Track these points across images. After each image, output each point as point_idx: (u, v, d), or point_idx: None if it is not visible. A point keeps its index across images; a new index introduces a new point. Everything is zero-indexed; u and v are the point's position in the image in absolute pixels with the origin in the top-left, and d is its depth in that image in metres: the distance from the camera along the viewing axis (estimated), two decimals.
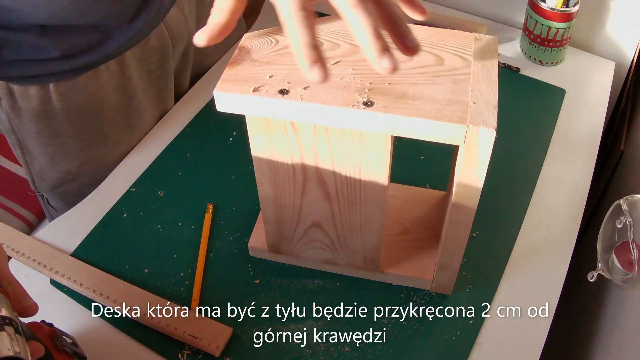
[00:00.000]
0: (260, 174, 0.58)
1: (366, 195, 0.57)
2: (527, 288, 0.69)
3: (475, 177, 0.51)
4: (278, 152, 0.55)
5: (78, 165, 0.81)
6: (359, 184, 0.56)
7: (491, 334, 0.65)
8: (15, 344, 0.42)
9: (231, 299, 0.67)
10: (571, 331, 0.91)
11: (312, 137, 0.52)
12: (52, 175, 0.81)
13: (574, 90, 0.92)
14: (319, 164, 0.55)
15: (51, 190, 0.84)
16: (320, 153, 0.54)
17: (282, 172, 0.57)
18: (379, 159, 0.53)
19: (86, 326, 0.65)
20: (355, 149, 0.52)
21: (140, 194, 0.78)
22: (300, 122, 0.51)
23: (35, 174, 0.81)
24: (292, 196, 0.59)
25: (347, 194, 0.57)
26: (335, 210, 0.60)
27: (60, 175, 0.81)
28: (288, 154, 0.55)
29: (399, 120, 0.46)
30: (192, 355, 0.62)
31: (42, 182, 0.82)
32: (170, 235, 0.73)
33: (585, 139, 0.85)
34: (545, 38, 0.93)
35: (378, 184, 0.55)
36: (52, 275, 0.68)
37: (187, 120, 0.86)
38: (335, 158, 0.54)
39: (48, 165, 0.80)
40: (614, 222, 0.66)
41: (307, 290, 0.68)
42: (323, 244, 0.65)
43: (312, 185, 0.57)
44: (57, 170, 0.81)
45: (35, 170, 0.81)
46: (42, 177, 0.81)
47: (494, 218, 0.75)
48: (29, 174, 0.82)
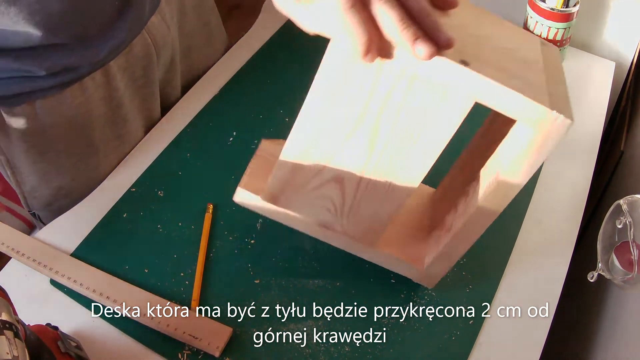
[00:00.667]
0: (313, 105, 0.54)
1: (411, 159, 0.55)
2: (527, 288, 0.69)
3: (529, 167, 0.51)
4: (348, 85, 0.51)
5: (70, 179, 0.79)
6: (412, 145, 0.53)
7: (491, 334, 0.65)
8: (14, 349, 0.42)
9: (231, 299, 0.67)
10: (571, 331, 0.91)
11: (394, 81, 0.50)
12: (44, 192, 0.79)
13: (574, 90, 0.92)
14: (383, 112, 0.52)
15: (44, 207, 0.82)
16: (391, 102, 0.51)
17: (340, 107, 0.53)
18: (445, 128, 0.51)
19: (86, 326, 0.65)
20: (428, 107, 0.51)
21: (140, 194, 0.78)
22: (392, 62, 0.48)
23: (27, 192, 0.79)
24: (332, 139, 0.56)
25: (394, 152, 0.55)
26: (369, 167, 0.57)
27: (53, 192, 0.80)
28: (358, 89, 0.51)
29: (488, 86, 0.46)
30: (192, 355, 0.62)
31: (34, 201, 0.81)
32: (170, 235, 0.73)
33: (585, 139, 0.85)
34: (545, 38, 0.93)
35: (430, 152, 0.53)
36: (52, 275, 0.68)
37: (187, 121, 0.87)
38: (402, 111, 0.52)
39: (39, 182, 0.78)
40: (614, 222, 0.67)
41: (307, 290, 0.68)
42: (331, 204, 0.62)
43: (363, 133, 0.54)
44: (49, 187, 0.79)
45: (27, 189, 0.79)
46: (34, 195, 0.80)
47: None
48: (21, 193, 0.80)
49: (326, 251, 0.71)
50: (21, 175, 0.77)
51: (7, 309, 0.45)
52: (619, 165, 0.96)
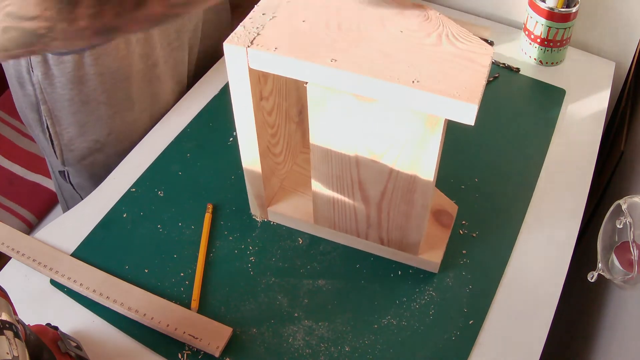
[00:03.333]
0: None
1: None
2: (527, 288, 0.69)
3: None
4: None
5: (107, 133, 0.83)
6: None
7: (491, 334, 0.65)
8: (14, 349, 0.42)
9: (231, 299, 0.67)
10: (571, 331, 0.91)
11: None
12: (80, 145, 0.83)
13: (574, 90, 0.92)
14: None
15: (78, 162, 0.85)
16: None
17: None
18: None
19: (86, 326, 0.65)
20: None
21: (140, 194, 0.78)
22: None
23: (64, 145, 0.83)
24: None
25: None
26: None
27: (89, 145, 0.83)
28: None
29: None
30: (192, 355, 0.62)
31: (70, 154, 0.84)
32: (170, 235, 0.73)
33: (585, 139, 0.86)
34: (545, 38, 0.93)
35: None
36: (52, 275, 0.68)
37: (187, 120, 0.87)
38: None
39: (77, 134, 0.82)
40: (614, 222, 0.66)
41: (307, 290, 0.68)
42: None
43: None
44: (86, 140, 0.83)
45: (65, 141, 0.82)
46: (70, 147, 0.83)
47: (494, 218, 0.75)
48: (58, 145, 0.83)
49: (326, 251, 0.71)
50: (61, 126, 0.81)
51: (7, 309, 0.45)
52: (619, 165, 0.96)
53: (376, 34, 0.53)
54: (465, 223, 0.74)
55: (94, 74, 0.76)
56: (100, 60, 0.75)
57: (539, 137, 0.85)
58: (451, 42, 0.52)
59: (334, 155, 0.60)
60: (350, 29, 0.53)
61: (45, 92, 0.76)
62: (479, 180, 0.79)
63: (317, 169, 0.63)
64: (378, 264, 0.70)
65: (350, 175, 0.62)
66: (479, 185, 0.78)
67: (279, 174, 0.73)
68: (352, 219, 0.67)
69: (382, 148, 0.57)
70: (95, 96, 0.79)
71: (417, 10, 0.56)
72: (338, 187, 0.64)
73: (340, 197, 0.65)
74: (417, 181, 0.59)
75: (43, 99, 0.77)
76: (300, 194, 0.74)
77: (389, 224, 0.66)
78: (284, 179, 0.75)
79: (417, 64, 0.50)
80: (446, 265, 0.70)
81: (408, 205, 0.62)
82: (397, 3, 0.56)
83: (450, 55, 0.51)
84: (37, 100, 0.77)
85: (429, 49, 0.52)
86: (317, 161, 0.62)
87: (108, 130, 0.83)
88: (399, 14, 0.55)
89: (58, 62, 0.73)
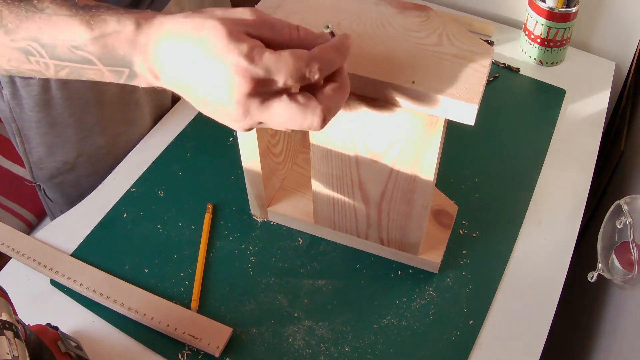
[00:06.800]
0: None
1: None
2: (527, 288, 0.69)
3: None
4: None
5: (76, 155, 0.82)
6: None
7: (491, 334, 0.65)
8: (14, 349, 0.42)
9: (231, 299, 0.67)
10: (571, 331, 0.91)
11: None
12: (49, 164, 0.82)
13: (574, 90, 0.92)
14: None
15: (48, 180, 0.85)
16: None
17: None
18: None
19: (86, 326, 0.65)
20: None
21: (140, 194, 0.78)
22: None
23: (34, 162, 0.82)
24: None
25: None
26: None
27: (58, 165, 0.82)
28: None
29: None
30: (192, 355, 0.62)
31: (39, 172, 0.84)
32: (170, 235, 0.73)
33: (585, 139, 0.86)
34: (545, 38, 0.93)
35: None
36: (52, 275, 0.68)
37: (187, 120, 0.87)
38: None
39: (46, 154, 0.81)
40: (614, 222, 0.66)
41: (307, 291, 0.68)
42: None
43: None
44: (54, 160, 0.82)
45: (34, 159, 0.82)
46: (39, 166, 0.83)
47: (494, 218, 0.75)
48: (27, 162, 0.83)
49: (326, 251, 0.71)
50: (29, 145, 0.80)
51: (7, 309, 0.45)
52: (619, 165, 0.96)
53: (376, 34, 0.53)
54: (465, 223, 0.74)
55: (61, 98, 0.75)
56: (69, 85, 0.74)
57: (539, 137, 0.85)
58: (451, 42, 0.52)
59: (334, 155, 0.60)
60: (350, 28, 0.53)
61: (14, 111, 0.75)
62: (479, 180, 0.79)
63: (317, 169, 0.63)
64: (378, 264, 0.70)
65: (350, 175, 0.62)
66: (479, 185, 0.78)
67: (279, 174, 0.73)
68: (352, 219, 0.67)
69: (382, 148, 0.57)
70: (62, 119, 0.77)
71: (417, 10, 0.55)
72: (338, 187, 0.64)
73: (340, 197, 0.65)
74: (417, 181, 0.59)
75: (12, 117, 0.76)
76: (300, 194, 0.73)
77: (389, 224, 0.66)
78: (284, 179, 0.75)
79: (417, 64, 0.50)
80: (446, 265, 0.70)
81: (408, 205, 0.62)
82: (397, 3, 0.56)
83: (451, 56, 0.51)
84: (9, 115, 0.77)
85: (429, 49, 0.52)
86: (317, 161, 0.62)
87: (77, 153, 0.81)
88: (399, 14, 0.55)
89: (25, 84, 0.72)
